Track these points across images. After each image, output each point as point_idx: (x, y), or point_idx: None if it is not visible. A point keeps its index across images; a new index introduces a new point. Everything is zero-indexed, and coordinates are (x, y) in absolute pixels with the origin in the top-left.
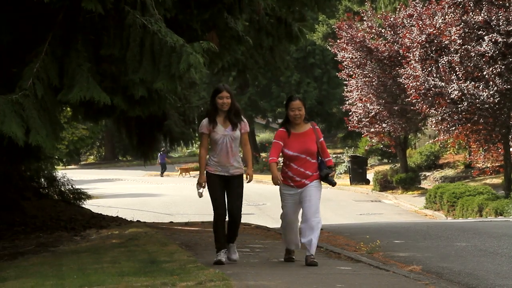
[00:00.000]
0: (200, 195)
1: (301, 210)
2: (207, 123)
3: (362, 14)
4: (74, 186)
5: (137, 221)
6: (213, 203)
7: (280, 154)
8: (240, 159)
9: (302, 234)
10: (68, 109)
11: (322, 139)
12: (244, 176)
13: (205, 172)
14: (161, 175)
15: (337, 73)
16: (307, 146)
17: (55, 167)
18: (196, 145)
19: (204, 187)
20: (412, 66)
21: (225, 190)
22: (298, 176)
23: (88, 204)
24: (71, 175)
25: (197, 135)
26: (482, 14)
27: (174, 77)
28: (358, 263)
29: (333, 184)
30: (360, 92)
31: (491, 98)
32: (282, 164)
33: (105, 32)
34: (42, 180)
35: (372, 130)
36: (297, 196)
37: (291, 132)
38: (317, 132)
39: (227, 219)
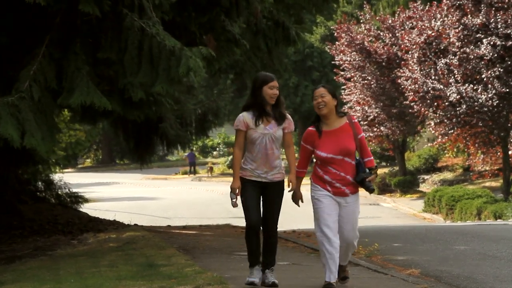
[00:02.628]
0: (234, 204)
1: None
2: (247, 118)
3: (360, 17)
4: (71, 190)
5: (135, 224)
6: (245, 213)
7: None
8: (281, 163)
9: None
10: (66, 112)
11: (362, 134)
12: (286, 182)
13: (239, 175)
14: (190, 173)
15: (334, 77)
16: (343, 145)
17: (52, 170)
18: (194, 149)
19: (239, 194)
20: (410, 68)
21: (260, 198)
22: (338, 181)
23: (85, 208)
24: (68, 178)
25: (194, 138)
26: (480, 17)
27: (174, 80)
28: (356, 267)
29: (370, 190)
30: (359, 95)
31: (490, 101)
32: (314, 163)
33: (103, 35)
34: (39, 183)
35: (371, 134)
36: (336, 203)
37: (323, 130)
38: (355, 126)
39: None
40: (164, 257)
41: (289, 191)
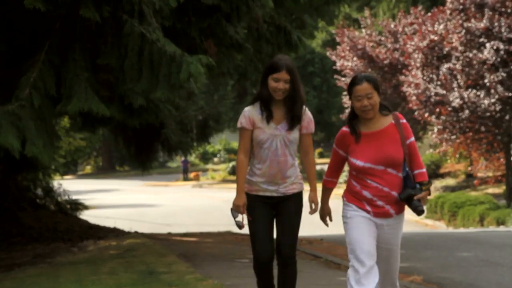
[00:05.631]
0: (240, 225)
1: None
2: (254, 113)
3: (361, 22)
4: (71, 197)
5: (135, 232)
6: (253, 243)
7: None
8: (298, 172)
9: None
10: (66, 119)
11: (412, 139)
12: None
13: (244, 189)
14: (184, 179)
15: (335, 82)
16: (386, 151)
17: (52, 177)
18: (195, 155)
19: (244, 213)
20: (413, 73)
21: (272, 219)
22: (380, 199)
23: (85, 215)
24: (68, 185)
25: (195, 144)
26: (484, 21)
27: (174, 86)
28: None
29: (419, 211)
30: None
31: (493, 106)
32: (348, 175)
33: (103, 41)
34: (39, 190)
35: None
36: (374, 225)
37: (361, 133)
38: (404, 128)
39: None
40: (165, 264)
41: (310, 212)
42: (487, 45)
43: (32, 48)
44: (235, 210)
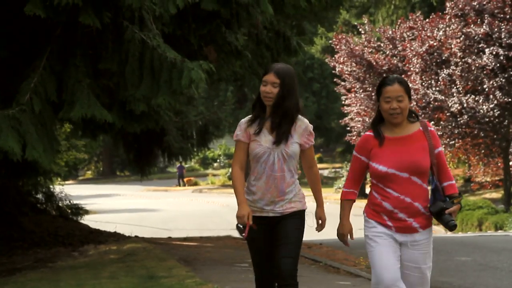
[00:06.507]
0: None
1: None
2: (247, 124)
3: (359, 28)
4: (72, 202)
5: (135, 236)
6: (253, 267)
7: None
8: (298, 190)
9: None
10: (66, 126)
11: (441, 148)
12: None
13: (246, 200)
14: (179, 185)
15: (335, 88)
16: (413, 157)
17: (53, 182)
18: (195, 160)
19: (250, 222)
20: (412, 79)
21: (270, 240)
22: (401, 211)
23: (86, 220)
24: (69, 190)
25: (195, 150)
26: (484, 26)
27: (175, 92)
28: (357, 278)
29: (451, 227)
30: (359, 106)
31: (491, 112)
32: (370, 185)
33: (103, 47)
34: (40, 195)
35: None
36: (397, 244)
37: (385, 137)
38: (432, 136)
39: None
40: (165, 268)
41: (317, 229)
42: (486, 50)
43: (33, 54)
44: (240, 224)
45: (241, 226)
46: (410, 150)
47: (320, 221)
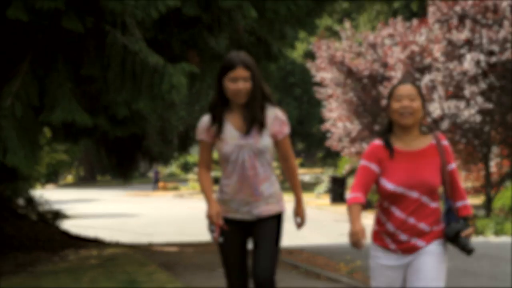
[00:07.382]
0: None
1: None
2: (208, 123)
3: (341, 34)
4: (52, 206)
5: (116, 241)
6: (225, 271)
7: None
8: (276, 189)
9: None
10: (48, 132)
11: (454, 165)
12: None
13: (215, 199)
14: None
15: (315, 94)
16: (423, 175)
17: (34, 187)
18: (176, 165)
19: (220, 223)
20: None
21: (245, 245)
22: (404, 231)
23: (66, 225)
24: (50, 195)
25: (176, 154)
26: (466, 32)
27: (157, 97)
28: (338, 283)
29: (468, 250)
30: (340, 111)
31: (473, 118)
32: (376, 205)
33: (86, 52)
34: (20, 200)
35: (353, 149)
36: (402, 272)
37: (395, 149)
38: (445, 151)
39: None
40: (146, 273)
41: (297, 228)
42: (468, 56)
43: (15, 59)
44: (211, 223)
45: (213, 227)
46: (421, 167)
47: (298, 219)
